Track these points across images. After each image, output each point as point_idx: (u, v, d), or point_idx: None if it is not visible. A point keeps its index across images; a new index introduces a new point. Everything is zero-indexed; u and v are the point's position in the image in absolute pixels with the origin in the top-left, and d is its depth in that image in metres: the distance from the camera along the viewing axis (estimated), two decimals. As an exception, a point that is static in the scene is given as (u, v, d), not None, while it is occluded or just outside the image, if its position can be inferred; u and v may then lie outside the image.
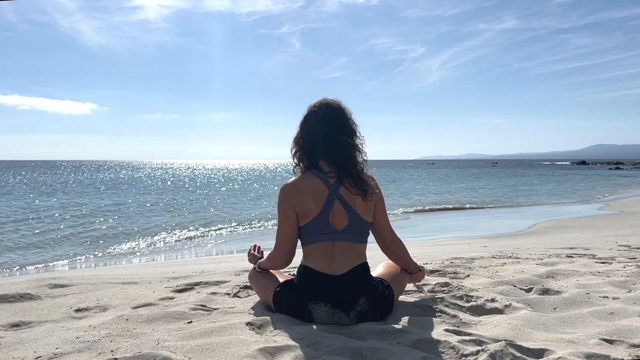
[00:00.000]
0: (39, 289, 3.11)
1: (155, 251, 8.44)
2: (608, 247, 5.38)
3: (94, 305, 2.70)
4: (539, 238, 7.84)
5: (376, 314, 2.26)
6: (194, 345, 1.89)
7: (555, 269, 3.50)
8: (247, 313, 2.42)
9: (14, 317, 2.48)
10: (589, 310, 2.35)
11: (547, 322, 2.17)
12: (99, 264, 7.25)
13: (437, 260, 4.17)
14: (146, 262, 7.15)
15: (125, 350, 1.86)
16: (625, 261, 3.98)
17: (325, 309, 2.20)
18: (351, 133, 2.34)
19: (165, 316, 2.36)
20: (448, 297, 2.55)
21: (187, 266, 5.35)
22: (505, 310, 2.39)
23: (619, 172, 50.95)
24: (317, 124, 2.33)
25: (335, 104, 2.38)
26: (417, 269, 2.63)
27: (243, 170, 78.20)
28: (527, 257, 4.39)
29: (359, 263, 2.29)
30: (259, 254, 2.73)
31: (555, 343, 1.89)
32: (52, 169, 77.90)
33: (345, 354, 1.81)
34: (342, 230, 2.26)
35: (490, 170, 69.51)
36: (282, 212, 2.30)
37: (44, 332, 2.14)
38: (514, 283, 2.98)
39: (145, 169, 75.42)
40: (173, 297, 2.86)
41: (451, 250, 5.86)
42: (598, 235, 7.43)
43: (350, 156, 2.31)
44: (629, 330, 2.04)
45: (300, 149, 2.38)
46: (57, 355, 1.83)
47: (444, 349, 1.85)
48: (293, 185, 2.30)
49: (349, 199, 2.27)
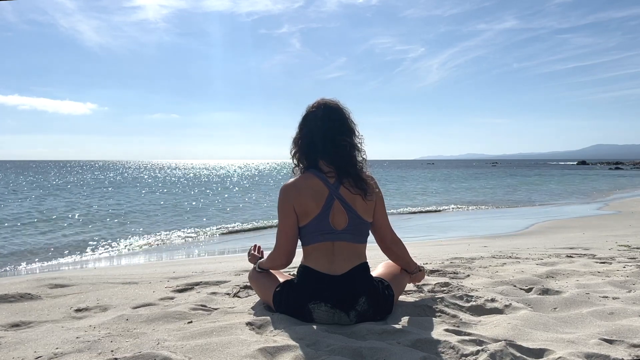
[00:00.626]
0: (39, 289, 3.11)
1: (155, 251, 8.44)
2: (608, 247, 5.38)
3: (94, 305, 2.70)
4: (539, 238, 7.84)
5: (376, 314, 2.26)
6: (194, 345, 1.89)
7: (555, 269, 3.51)
8: (247, 313, 2.42)
9: (14, 317, 2.48)
10: (589, 310, 2.35)
11: (547, 322, 2.17)
12: (99, 264, 7.25)
13: (437, 260, 4.17)
14: (146, 262, 7.16)
15: (125, 350, 1.86)
16: (625, 261, 3.98)
17: (325, 309, 2.20)
18: (350, 132, 2.35)
19: (166, 316, 2.36)
20: (448, 297, 2.55)
21: (187, 266, 5.35)
22: (505, 310, 2.39)
23: (619, 172, 50.95)
24: (315, 124, 2.33)
25: (333, 103, 2.38)
26: (417, 269, 2.63)
27: (243, 170, 78.19)
28: (527, 257, 4.39)
29: (359, 263, 2.29)
30: (259, 254, 2.73)
31: (555, 343, 1.89)
32: (54, 169, 77.86)
33: (345, 354, 1.81)
34: (342, 230, 2.26)
35: (490, 170, 69.51)
36: (282, 212, 2.30)
37: (44, 332, 2.14)
38: (514, 283, 2.98)
39: (146, 170, 75.38)
40: (173, 297, 2.86)
41: (451, 250, 5.86)
42: (598, 235, 7.43)
43: (349, 155, 2.31)
44: (629, 330, 2.04)
45: (299, 149, 2.38)
46: (57, 355, 1.83)
47: (444, 349, 1.85)
48: (293, 185, 2.30)
49: (349, 198, 2.27)
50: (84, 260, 7.62)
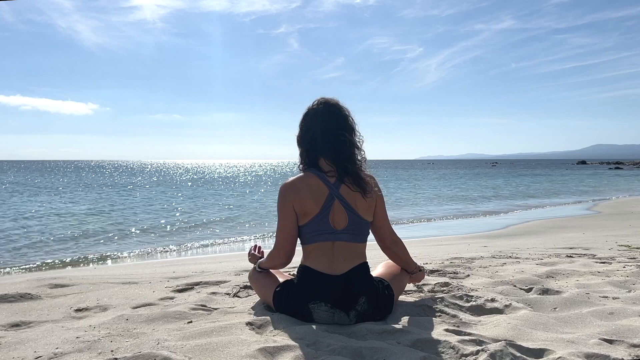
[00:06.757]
0: (39, 289, 3.11)
1: (155, 251, 8.44)
2: (608, 247, 5.38)
3: (94, 305, 2.70)
4: (539, 238, 7.84)
5: (376, 314, 2.26)
6: (194, 345, 1.89)
7: (555, 269, 3.51)
8: (247, 313, 2.42)
9: (14, 317, 2.48)
10: (589, 310, 2.35)
11: (547, 322, 2.17)
12: (99, 264, 7.24)
13: (437, 260, 4.17)
14: (146, 262, 7.15)
15: (125, 350, 1.86)
16: (625, 261, 3.98)
17: (325, 309, 2.20)
18: (350, 130, 2.35)
19: (165, 316, 2.36)
20: (448, 297, 2.55)
21: (187, 266, 5.35)
22: (505, 310, 2.39)
23: (619, 172, 50.95)
24: (316, 120, 2.33)
25: (334, 101, 2.39)
26: (417, 269, 2.63)
27: (242, 170, 78.15)
28: (527, 257, 4.39)
29: (359, 263, 2.29)
30: (260, 254, 2.73)
31: (555, 343, 1.89)
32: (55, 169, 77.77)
33: (345, 354, 1.80)
34: (342, 230, 2.26)
35: (490, 170, 69.52)
36: (281, 212, 2.29)
37: (44, 332, 2.14)
38: (514, 283, 2.98)
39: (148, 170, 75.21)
40: (173, 297, 2.86)
41: (451, 250, 5.86)
42: (598, 235, 7.43)
43: (349, 152, 2.31)
44: (629, 330, 2.04)
45: (301, 147, 2.39)
46: (57, 355, 1.83)
47: (444, 348, 1.85)
48: (292, 184, 2.30)
49: (349, 198, 2.27)
50: (84, 260, 7.60)
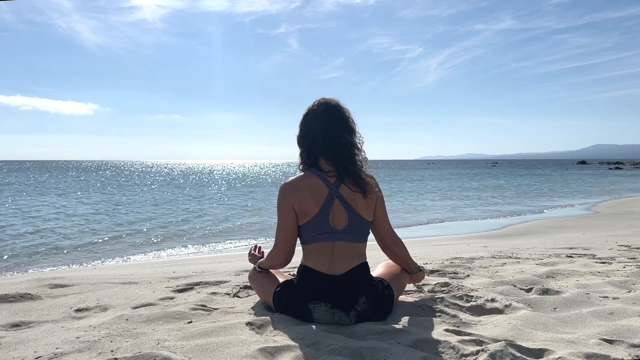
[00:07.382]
0: (39, 289, 3.11)
1: (155, 251, 8.44)
2: (608, 247, 5.38)
3: (94, 305, 2.70)
4: (539, 238, 7.84)
5: (376, 314, 2.26)
6: (194, 345, 1.89)
7: (555, 269, 3.51)
8: (247, 313, 2.42)
9: (14, 317, 2.48)
10: (589, 310, 2.35)
11: (547, 322, 2.17)
12: (99, 264, 7.24)
13: (437, 260, 4.17)
14: (146, 262, 7.15)
15: (125, 350, 1.86)
16: (625, 261, 3.98)
17: (325, 309, 2.20)
18: (350, 131, 2.35)
19: (166, 316, 2.36)
20: (448, 297, 2.55)
21: (187, 266, 5.35)
22: (505, 310, 2.38)
23: (619, 172, 50.97)
24: (317, 120, 2.34)
25: (334, 101, 2.39)
26: (417, 269, 2.63)
27: (243, 170, 78.13)
28: (527, 257, 4.39)
29: (359, 263, 2.29)
30: (260, 254, 2.73)
31: (555, 343, 1.89)
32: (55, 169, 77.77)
33: (345, 354, 1.80)
34: (342, 229, 2.26)
35: (490, 170, 69.51)
36: (281, 212, 2.29)
37: (44, 332, 2.14)
38: (514, 283, 2.98)
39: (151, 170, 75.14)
40: (173, 297, 2.86)
41: (451, 250, 5.86)
42: (598, 235, 7.43)
43: (349, 152, 2.31)
44: (629, 330, 2.04)
45: (301, 147, 2.39)
46: (57, 355, 1.83)
47: (444, 349, 1.85)
48: (292, 184, 2.30)
49: (349, 198, 2.27)
50: (84, 260, 7.60)
